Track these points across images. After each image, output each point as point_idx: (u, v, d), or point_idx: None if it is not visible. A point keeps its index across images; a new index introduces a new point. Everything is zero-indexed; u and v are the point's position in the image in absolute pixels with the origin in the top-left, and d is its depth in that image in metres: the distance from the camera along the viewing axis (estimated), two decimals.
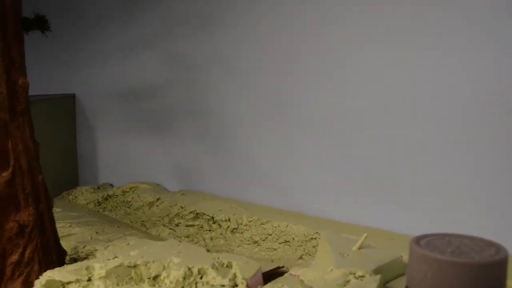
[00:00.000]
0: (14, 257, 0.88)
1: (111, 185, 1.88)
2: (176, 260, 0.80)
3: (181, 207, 1.32)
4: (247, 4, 1.25)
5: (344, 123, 1.10)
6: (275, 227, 1.05)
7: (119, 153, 1.83)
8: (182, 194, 1.41)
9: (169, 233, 1.34)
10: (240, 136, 1.32)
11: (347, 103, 1.10)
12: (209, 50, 1.37)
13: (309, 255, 0.98)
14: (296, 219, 1.07)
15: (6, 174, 0.88)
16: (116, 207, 1.64)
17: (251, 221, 1.11)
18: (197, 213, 1.27)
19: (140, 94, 1.66)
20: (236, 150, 1.33)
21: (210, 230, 1.22)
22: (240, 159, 1.32)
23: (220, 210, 1.21)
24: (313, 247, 0.98)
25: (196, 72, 1.43)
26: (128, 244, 0.99)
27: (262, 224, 1.08)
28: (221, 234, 1.19)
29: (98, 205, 1.71)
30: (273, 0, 1.20)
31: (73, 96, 1.98)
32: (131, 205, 1.57)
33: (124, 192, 1.62)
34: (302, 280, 0.77)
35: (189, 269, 0.77)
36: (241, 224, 1.13)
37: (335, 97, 1.11)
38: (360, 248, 0.78)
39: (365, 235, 0.78)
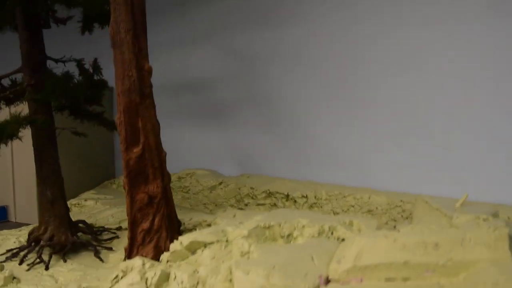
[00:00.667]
0: (145, 225, 0.98)
1: None
2: (303, 221, 0.91)
3: (251, 188, 1.43)
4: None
5: (408, 107, 1.24)
6: (357, 199, 1.18)
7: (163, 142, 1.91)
8: (247, 177, 1.52)
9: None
10: (302, 122, 1.45)
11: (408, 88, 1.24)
12: (271, 43, 1.49)
13: (394, 220, 1.11)
14: (374, 192, 1.20)
15: (137, 150, 0.97)
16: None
17: (332, 195, 1.23)
18: (269, 192, 1.38)
19: (189, 85, 1.76)
20: (300, 134, 1.45)
21: (284, 207, 1.34)
22: (304, 143, 1.44)
23: (295, 189, 1.33)
24: (398, 213, 1.11)
25: (256, 64, 1.54)
26: (235, 215, 1.09)
27: (344, 197, 1.21)
28: (297, 209, 1.30)
29: None
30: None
31: (111, 88, 2.05)
32: (189, 189, 1.67)
33: (180, 178, 1.71)
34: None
35: (321, 226, 0.88)
36: (320, 199, 1.25)
37: (398, 85, 1.25)
38: (461, 205, 0.91)
39: (466, 194, 0.92)
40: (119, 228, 1.31)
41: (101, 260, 1.14)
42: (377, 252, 0.69)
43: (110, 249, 1.20)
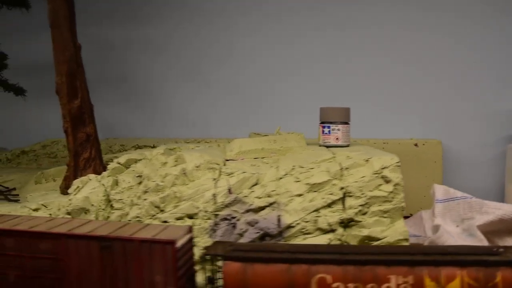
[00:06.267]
0: (86, 155, 1.38)
1: (4, 149, 2.13)
2: (192, 145, 1.51)
3: (122, 145, 1.90)
4: None
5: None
6: (208, 140, 1.83)
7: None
8: (114, 138, 1.97)
9: None
10: (154, 93, 2.01)
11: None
12: (124, 35, 2.00)
13: None
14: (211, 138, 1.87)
15: (77, 102, 1.37)
16: (35, 160, 1.97)
17: (188, 141, 1.84)
18: (138, 146, 1.88)
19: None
20: (152, 103, 2.01)
21: None
22: (158, 109, 2.00)
23: (158, 142, 1.88)
24: None
25: (113, 51, 2.02)
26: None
27: (198, 142, 1.83)
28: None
29: (9, 162, 1.99)
30: None
31: None
32: (56, 155, 1.96)
33: (44, 146, 1.98)
34: None
35: (209, 144, 1.50)
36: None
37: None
38: (277, 132, 1.68)
39: (279, 126, 1.69)
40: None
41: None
42: (249, 144, 1.36)
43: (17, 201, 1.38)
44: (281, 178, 1.14)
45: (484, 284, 0.77)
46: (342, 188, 1.08)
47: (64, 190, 1.38)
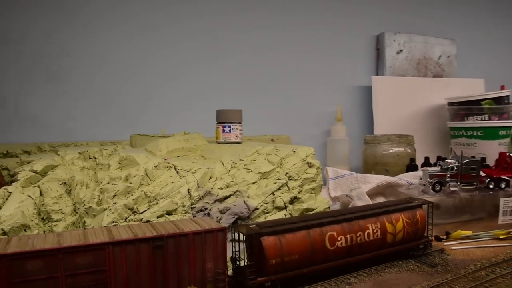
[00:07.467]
0: None
1: None
2: (96, 148, 1.43)
3: None
4: None
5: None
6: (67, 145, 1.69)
7: None
8: None
9: None
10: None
11: None
12: None
13: None
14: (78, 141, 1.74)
15: None
16: None
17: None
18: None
19: None
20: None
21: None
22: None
23: (13, 147, 1.62)
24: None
25: None
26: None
27: (53, 147, 1.67)
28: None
29: None
30: None
31: None
32: None
33: None
34: None
35: (104, 143, 1.45)
36: (43, 149, 1.64)
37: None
38: (163, 133, 1.73)
39: (163, 128, 1.74)
40: None
41: None
42: (172, 144, 1.43)
43: None
44: (229, 171, 1.31)
45: (412, 219, 1.20)
46: (286, 174, 1.34)
47: None
